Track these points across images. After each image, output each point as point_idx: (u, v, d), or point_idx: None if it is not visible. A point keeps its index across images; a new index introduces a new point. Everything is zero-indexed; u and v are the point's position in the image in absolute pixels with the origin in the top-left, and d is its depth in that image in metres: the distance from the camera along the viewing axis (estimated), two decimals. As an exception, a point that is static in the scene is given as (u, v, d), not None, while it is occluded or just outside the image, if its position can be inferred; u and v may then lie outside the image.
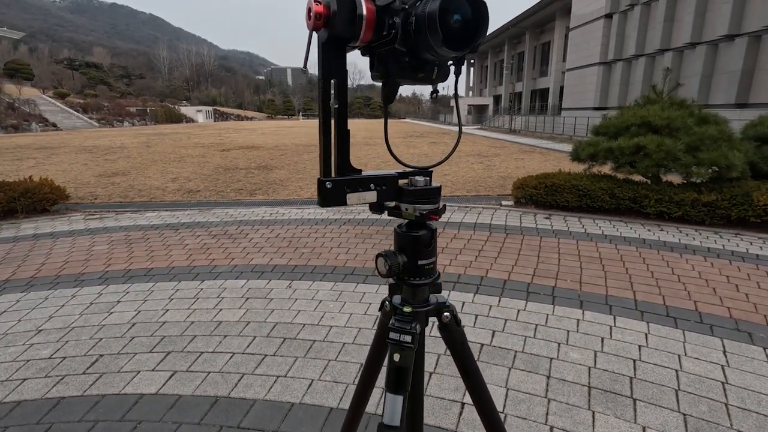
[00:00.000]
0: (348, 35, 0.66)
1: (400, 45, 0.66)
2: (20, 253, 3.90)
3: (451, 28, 0.63)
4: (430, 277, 0.86)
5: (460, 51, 0.65)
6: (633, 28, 19.89)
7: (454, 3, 0.62)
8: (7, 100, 32.43)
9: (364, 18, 0.65)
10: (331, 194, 0.74)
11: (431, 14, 0.61)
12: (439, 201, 0.84)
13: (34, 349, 2.28)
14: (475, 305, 2.76)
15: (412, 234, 0.83)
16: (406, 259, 0.82)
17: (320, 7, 0.63)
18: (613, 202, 5.07)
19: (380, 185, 0.79)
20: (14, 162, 10.91)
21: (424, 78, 0.73)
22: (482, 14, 0.64)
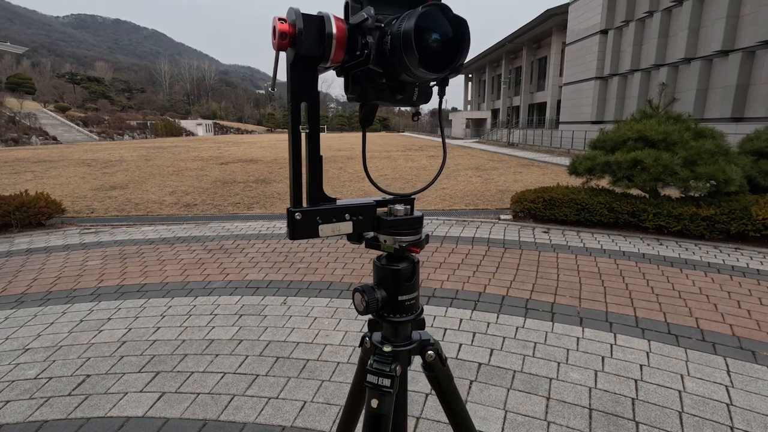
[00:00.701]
0: (316, 55, 0.63)
1: (375, 65, 0.62)
2: (12, 268, 3.84)
3: (428, 48, 0.59)
4: (412, 313, 0.80)
5: (439, 72, 0.61)
6: (628, 43, 20.17)
7: (432, 21, 0.59)
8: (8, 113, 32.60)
9: (334, 37, 0.62)
10: (301, 226, 0.69)
11: (406, 33, 0.57)
12: (421, 231, 0.79)
13: (19, 369, 2.22)
14: (473, 322, 2.70)
15: (392, 267, 0.77)
16: (385, 294, 0.77)
17: (285, 25, 0.60)
18: (612, 216, 5.05)
19: (356, 215, 0.74)
20: (12, 175, 10.89)
21: (404, 100, 0.69)
22: (463, 34, 0.60)
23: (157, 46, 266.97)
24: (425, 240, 0.79)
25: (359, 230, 0.76)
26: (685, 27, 16.28)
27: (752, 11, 13.62)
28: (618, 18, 21.00)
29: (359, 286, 0.77)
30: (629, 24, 20.14)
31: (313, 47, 0.62)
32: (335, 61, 0.64)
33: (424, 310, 0.84)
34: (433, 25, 0.59)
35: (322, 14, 0.62)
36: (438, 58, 0.60)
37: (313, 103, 0.66)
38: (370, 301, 0.76)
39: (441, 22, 0.60)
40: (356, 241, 0.78)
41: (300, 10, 0.61)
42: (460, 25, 0.60)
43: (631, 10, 20.06)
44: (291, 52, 0.62)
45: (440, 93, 0.72)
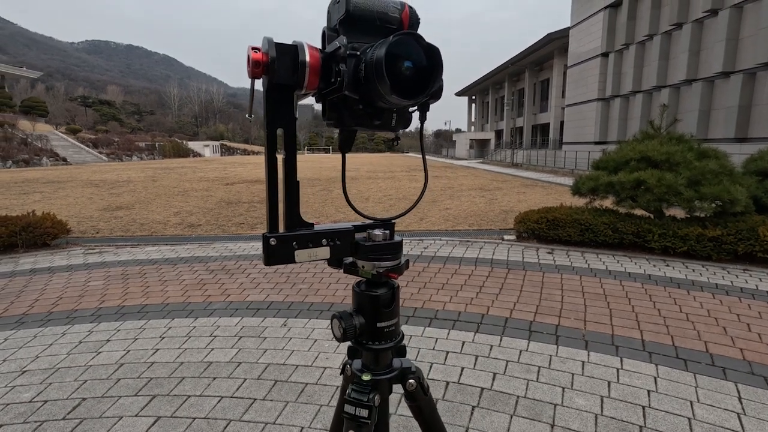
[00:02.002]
0: (291, 83, 0.64)
1: (351, 92, 0.64)
2: (15, 289, 3.85)
3: (401, 75, 0.60)
4: (392, 340, 0.78)
5: (412, 99, 0.62)
6: (629, 66, 20.43)
7: (404, 49, 0.60)
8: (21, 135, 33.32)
9: (308, 65, 0.63)
10: (276, 251, 0.69)
11: (378, 61, 0.58)
12: (400, 256, 0.79)
13: (15, 392, 2.19)
14: (476, 345, 2.65)
15: (371, 293, 0.76)
16: (364, 321, 0.76)
17: (258, 54, 0.61)
18: (617, 236, 5.00)
19: (333, 240, 0.74)
20: (21, 196, 11.04)
21: (382, 125, 0.70)
22: (435, 61, 0.62)
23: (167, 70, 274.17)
24: (405, 265, 0.78)
25: (337, 255, 0.75)
26: (686, 49, 16.50)
27: (751, 34, 13.80)
28: (618, 41, 21.34)
29: (337, 313, 0.76)
30: (629, 47, 20.45)
31: (287, 75, 0.63)
32: (310, 87, 0.65)
33: (404, 336, 0.82)
34: (405, 52, 0.60)
35: (297, 43, 0.63)
36: (411, 85, 0.61)
37: (289, 130, 0.67)
38: (348, 327, 0.74)
39: (413, 50, 0.61)
40: (336, 266, 0.77)
41: (273, 39, 0.62)
42: (432, 53, 0.61)
43: (631, 33, 20.40)
44: (265, 79, 0.64)
45: (421, 118, 0.73)
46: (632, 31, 20.38)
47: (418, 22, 0.71)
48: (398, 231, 3.34)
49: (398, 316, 0.79)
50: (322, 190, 12.00)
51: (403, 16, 0.68)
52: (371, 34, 0.64)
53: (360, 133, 0.77)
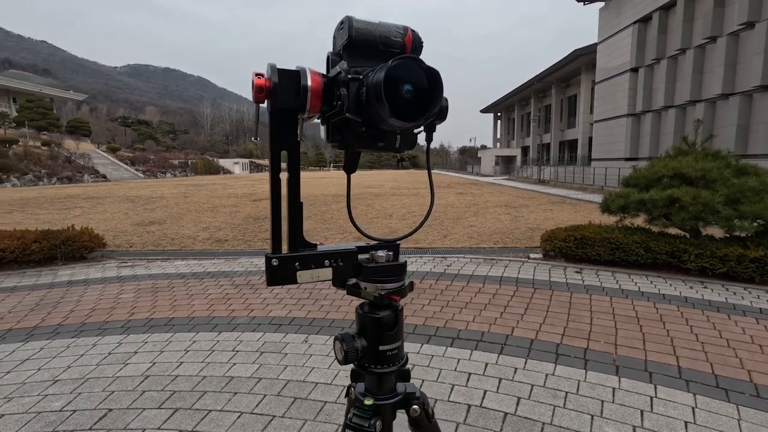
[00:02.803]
0: (293, 107, 0.65)
1: (354, 115, 0.65)
2: (53, 300, 4.03)
3: (401, 98, 0.60)
4: (395, 364, 0.77)
5: (413, 122, 0.62)
6: (660, 80, 19.93)
7: (404, 72, 0.60)
8: (66, 154, 35.36)
9: (309, 89, 0.64)
10: (278, 272, 0.69)
11: (377, 85, 0.59)
12: (404, 278, 0.78)
13: (47, 401, 2.27)
14: (499, 367, 2.57)
15: (373, 315, 0.75)
16: (366, 343, 0.75)
17: (261, 80, 0.63)
18: (649, 256, 4.80)
19: (336, 261, 0.74)
20: (63, 211, 11.64)
21: (386, 147, 0.70)
22: (436, 84, 0.62)
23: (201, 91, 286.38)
24: (409, 288, 0.77)
25: (340, 276, 0.75)
26: (721, 63, 15.98)
27: (792, 46, 13.25)
28: (648, 56, 20.91)
29: (339, 334, 0.75)
30: (661, 61, 19.98)
31: (289, 99, 0.65)
32: (313, 111, 0.67)
33: (408, 360, 0.81)
34: (405, 76, 0.61)
35: (299, 68, 0.65)
36: (411, 108, 0.61)
37: (293, 152, 0.69)
38: (349, 350, 0.73)
39: (414, 73, 0.61)
40: (340, 287, 0.77)
41: (276, 65, 0.64)
42: (432, 76, 0.62)
43: (662, 48, 19.97)
44: (269, 104, 0.65)
45: (427, 139, 0.73)
46: (663, 46, 19.95)
47: (421, 46, 0.72)
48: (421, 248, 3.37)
49: (402, 339, 0.78)
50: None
51: (405, 41, 0.69)
52: (374, 58, 0.65)
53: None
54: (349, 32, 0.66)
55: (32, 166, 29.45)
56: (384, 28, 0.68)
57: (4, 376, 2.55)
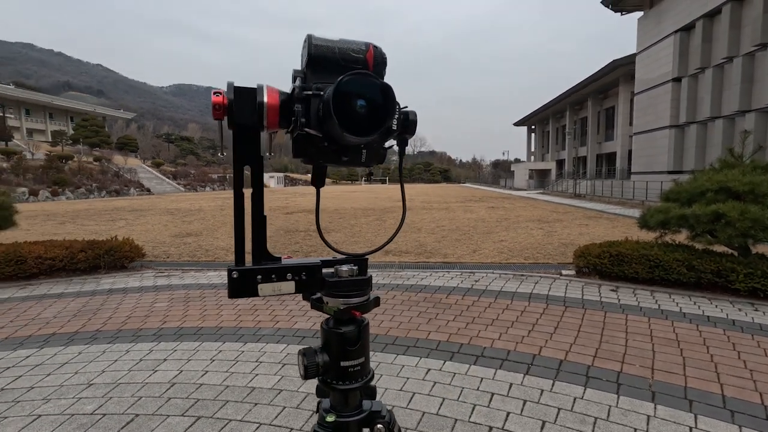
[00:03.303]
0: (251, 123, 0.66)
1: (315, 130, 0.65)
2: (94, 307, 4.24)
3: (355, 113, 0.61)
4: (359, 380, 0.76)
5: (366, 137, 0.62)
6: (706, 90, 19.02)
7: (357, 88, 0.61)
8: (114, 168, 37.67)
9: (266, 106, 0.65)
10: (238, 284, 0.70)
11: (327, 101, 0.60)
12: (368, 293, 0.77)
13: (80, 404, 2.37)
14: (524, 388, 2.47)
15: (336, 330, 0.75)
16: (328, 359, 0.74)
17: (218, 98, 0.65)
18: (692, 275, 4.52)
19: (299, 274, 0.74)
20: (108, 222, 12.34)
21: (351, 161, 0.71)
22: (388, 98, 0.62)
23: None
24: (373, 303, 0.76)
25: (303, 290, 0.75)
26: (773, 71, 15.09)
27: None
28: (692, 65, 20.04)
29: (303, 349, 0.75)
30: (705, 71, 19.10)
31: (246, 116, 0.66)
32: (271, 127, 0.68)
33: (374, 376, 0.79)
34: (358, 91, 0.61)
35: (258, 86, 0.67)
36: (364, 123, 0.61)
37: (256, 167, 0.70)
38: (310, 365, 0.73)
39: (367, 88, 0.62)
40: (308, 300, 0.77)
41: (234, 84, 0.66)
42: (385, 91, 0.62)
43: (706, 56, 19.10)
44: (228, 120, 0.67)
45: (399, 153, 0.73)
46: (708, 54, 19.08)
47: (384, 62, 0.72)
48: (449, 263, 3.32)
49: (366, 355, 0.76)
50: (376, 220, 12.16)
51: (367, 57, 0.70)
52: (336, 74, 0.66)
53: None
54: (308, 50, 0.67)
55: (85, 180, 31.50)
56: (344, 44, 0.69)
57: (44, 378, 2.69)
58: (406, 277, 5.22)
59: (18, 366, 2.88)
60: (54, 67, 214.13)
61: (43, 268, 5.42)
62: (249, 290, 0.72)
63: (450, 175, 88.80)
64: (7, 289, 4.96)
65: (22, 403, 2.39)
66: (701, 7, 19.08)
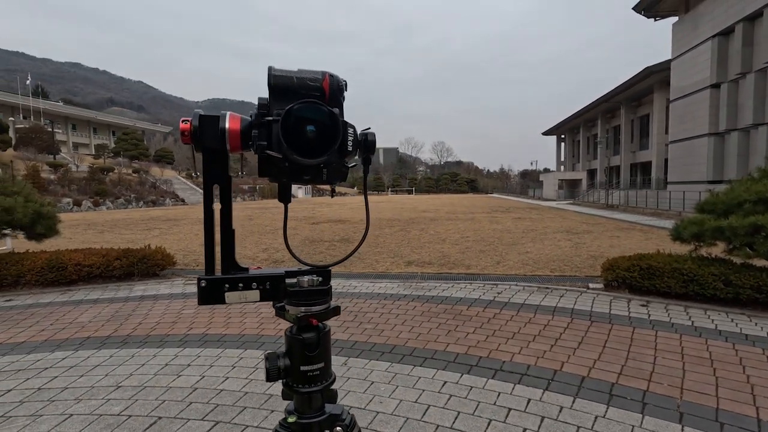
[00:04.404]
0: (215, 147, 0.73)
1: (276, 152, 0.70)
2: (126, 312, 4.44)
3: (304, 137, 0.65)
4: (319, 384, 0.80)
5: (315, 158, 0.68)
6: (747, 96, 18.14)
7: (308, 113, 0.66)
8: (151, 180, 39.38)
9: (227, 131, 0.72)
10: (206, 292, 0.77)
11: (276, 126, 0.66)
12: (328, 303, 0.80)
13: (108, 405, 2.49)
14: (543, 404, 2.41)
15: (297, 337, 0.80)
16: (289, 363, 0.79)
17: (185, 125, 0.71)
18: (730, 290, 4.29)
19: (263, 284, 0.80)
20: (144, 231, 12.89)
21: (313, 179, 0.75)
22: (335, 124, 0.68)
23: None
24: (332, 312, 0.81)
25: (268, 298, 0.81)
26: (821, 75, 14.24)
27: None
28: (732, 70, 19.20)
29: (267, 353, 0.79)
30: (747, 76, 18.25)
31: (211, 140, 0.72)
32: (234, 150, 0.74)
33: (335, 380, 0.82)
34: (309, 116, 0.67)
35: (221, 114, 0.73)
36: (314, 146, 0.67)
37: (224, 185, 0.77)
38: (271, 368, 0.78)
39: (316, 114, 0.68)
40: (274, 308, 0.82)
41: (200, 112, 0.73)
42: (332, 117, 0.68)
43: (747, 61, 18.26)
44: (196, 145, 0.74)
45: (364, 171, 0.77)
46: (749, 59, 18.24)
47: (340, 88, 0.77)
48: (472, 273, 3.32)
49: (326, 360, 0.80)
50: (400, 231, 12.17)
51: (324, 84, 0.75)
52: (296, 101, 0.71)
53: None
54: (269, 80, 0.73)
55: (124, 191, 33.07)
56: (302, 74, 0.75)
57: (77, 380, 2.83)
58: (427, 288, 5.19)
59: (55, 367, 3.05)
60: (99, 85, 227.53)
61: (82, 275, 5.72)
62: (216, 298, 0.78)
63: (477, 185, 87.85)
64: (49, 294, 5.26)
65: (56, 402, 2.52)
66: (740, 11, 18.32)
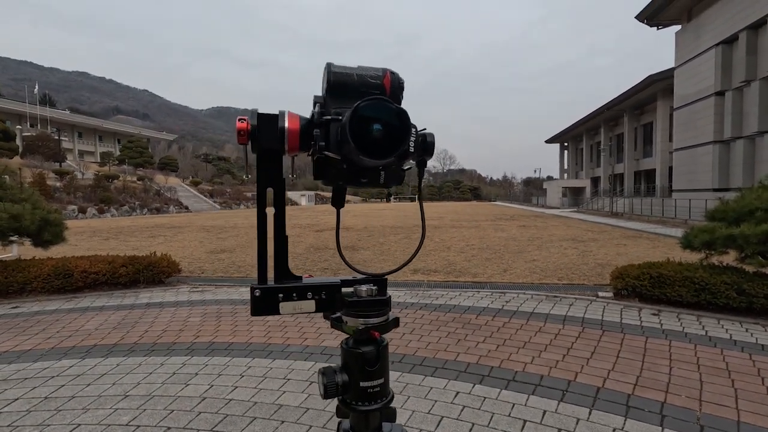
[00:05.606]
0: (274, 147, 0.70)
1: (335, 153, 0.67)
2: (132, 320, 4.41)
3: (371, 137, 0.62)
4: (379, 401, 0.75)
5: (382, 159, 0.64)
6: (752, 104, 18.10)
7: (374, 112, 0.63)
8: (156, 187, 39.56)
9: (287, 131, 0.68)
10: (260, 303, 0.72)
11: (343, 125, 0.62)
12: (387, 314, 0.76)
13: (116, 415, 2.45)
14: (558, 417, 2.36)
15: (355, 351, 0.75)
16: (348, 378, 0.74)
17: (243, 124, 0.68)
18: (743, 299, 4.23)
19: (319, 294, 0.76)
20: (148, 239, 12.90)
21: (370, 183, 0.72)
22: (404, 122, 0.64)
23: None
24: (392, 323, 0.76)
25: (323, 309, 0.76)
26: (827, 82, 14.21)
27: None
28: (736, 78, 19.19)
29: (323, 368, 0.75)
30: (751, 84, 18.23)
31: (269, 141, 0.69)
32: (292, 151, 0.71)
33: (394, 398, 0.78)
34: (375, 115, 0.63)
35: (280, 112, 0.70)
36: (381, 145, 0.63)
37: (278, 189, 0.73)
38: (329, 384, 0.73)
39: (384, 113, 0.64)
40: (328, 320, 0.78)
41: (258, 111, 0.69)
42: (401, 115, 0.64)
43: (752, 69, 18.26)
44: (252, 145, 0.70)
45: (419, 174, 0.74)
46: (753, 67, 18.24)
47: (401, 87, 0.74)
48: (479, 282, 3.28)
49: (385, 376, 0.76)
50: (404, 238, 12.13)
51: (384, 82, 0.72)
52: (355, 100, 0.68)
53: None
54: (328, 77, 0.70)
55: (128, 199, 33.21)
56: (362, 71, 0.72)
57: (84, 388, 2.80)
58: (434, 297, 5.15)
59: (61, 375, 3.02)
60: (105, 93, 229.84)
61: (88, 282, 5.70)
62: (270, 308, 0.73)
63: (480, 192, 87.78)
64: (55, 301, 5.25)
65: (63, 412, 2.49)
66: (744, 19, 18.37)
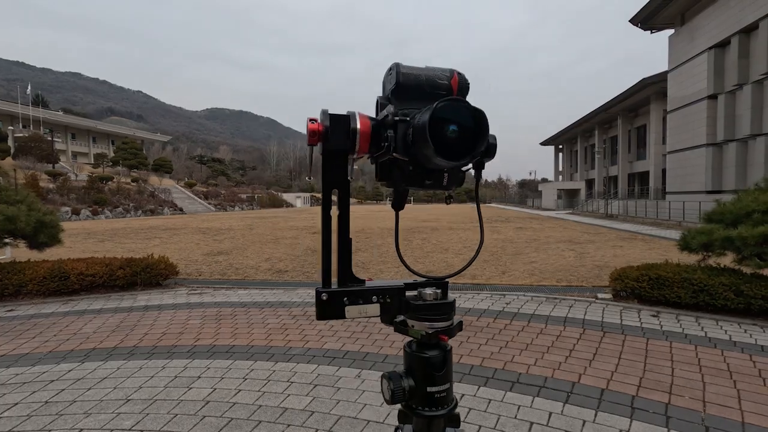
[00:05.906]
0: (344, 148, 0.69)
1: (401, 155, 0.66)
2: (131, 323, 4.37)
3: (446, 138, 0.61)
4: (444, 407, 0.74)
5: (458, 161, 0.63)
6: (745, 107, 18.33)
7: (450, 113, 0.62)
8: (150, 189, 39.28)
9: (358, 132, 0.68)
10: (327, 307, 0.71)
11: (422, 125, 0.61)
12: (452, 318, 0.75)
13: (119, 419, 2.42)
14: (565, 419, 2.36)
15: (421, 355, 0.73)
16: (413, 383, 0.72)
17: (314, 125, 0.67)
18: (741, 300, 4.26)
19: (384, 297, 0.74)
20: (144, 240, 12.80)
21: (434, 185, 0.71)
22: (481, 124, 0.63)
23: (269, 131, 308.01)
24: (457, 327, 0.75)
25: (387, 313, 0.75)
26: (818, 86, 14.41)
27: None
28: (729, 82, 19.42)
29: (387, 373, 0.73)
30: (744, 87, 18.46)
31: (340, 141, 0.68)
32: (362, 152, 0.70)
33: (458, 403, 0.77)
34: (451, 117, 0.62)
35: (350, 113, 0.69)
36: (456, 147, 0.62)
37: (344, 191, 0.72)
38: (396, 390, 0.71)
39: (459, 114, 0.63)
40: (388, 324, 0.77)
41: (329, 111, 0.68)
42: (478, 117, 0.63)
43: (744, 73, 18.49)
44: (321, 146, 0.69)
45: (477, 176, 0.73)
46: (746, 70, 18.47)
47: (467, 87, 0.74)
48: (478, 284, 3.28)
49: (450, 381, 0.75)
50: (402, 240, 12.12)
51: (452, 83, 0.71)
52: (422, 101, 0.67)
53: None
54: (396, 78, 0.69)
55: (122, 200, 32.95)
56: (430, 71, 0.71)
57: (85, 393, 2.77)
58: (435, 299, 5.14)
59: (61, 379, 2.98)
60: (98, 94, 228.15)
61: (85, 284, 5.64)
62: (337, 312, 0.72)
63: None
64: (51, 303, 5.18)
65: (65, 416, 2.46)
66: (736, 23, 18.60)
